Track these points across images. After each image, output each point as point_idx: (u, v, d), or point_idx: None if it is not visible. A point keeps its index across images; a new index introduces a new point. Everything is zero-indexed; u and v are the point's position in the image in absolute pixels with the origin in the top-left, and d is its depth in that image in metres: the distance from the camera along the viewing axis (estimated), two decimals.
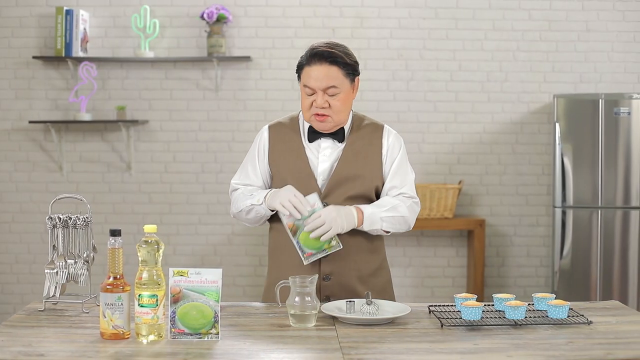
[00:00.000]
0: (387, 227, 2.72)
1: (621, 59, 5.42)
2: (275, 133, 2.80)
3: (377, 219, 2.68)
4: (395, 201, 2.73)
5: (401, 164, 2.79)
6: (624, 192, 4.95)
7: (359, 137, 2.76)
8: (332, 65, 2.62)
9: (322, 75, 2.62)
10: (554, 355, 2.04)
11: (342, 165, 2.72)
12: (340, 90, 2.65)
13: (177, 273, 2.20)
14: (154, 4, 5.37)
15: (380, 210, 2.69)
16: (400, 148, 2.80)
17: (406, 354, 2.07)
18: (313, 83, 2.63)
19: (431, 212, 5.22)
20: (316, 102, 2.64)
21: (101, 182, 5.47)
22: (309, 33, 5.39)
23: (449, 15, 5.41)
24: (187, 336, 2.19)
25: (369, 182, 2.74)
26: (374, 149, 2.76)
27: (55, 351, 2.07)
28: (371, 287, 2.75)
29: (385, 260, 2.90)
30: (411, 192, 2.79)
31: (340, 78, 2.64)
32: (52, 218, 2.55)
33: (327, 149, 2.74)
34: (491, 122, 5.46)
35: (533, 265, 5.51)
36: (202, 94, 5.44)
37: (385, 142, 2.78)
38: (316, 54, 2.63)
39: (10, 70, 5.42)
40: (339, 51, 2.65)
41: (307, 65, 2.64)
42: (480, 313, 2.38)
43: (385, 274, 2.87)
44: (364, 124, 2.80)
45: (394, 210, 2.71)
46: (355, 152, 2.74)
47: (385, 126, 2.82)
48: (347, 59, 2.66)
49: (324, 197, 2.70)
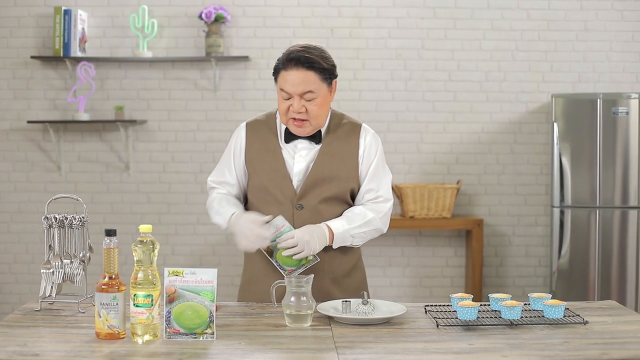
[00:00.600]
0: (357, 243, 2.73)
1: (620, 59, 5.42)
2: (253, 131, 2.79)
3: (347, 236, 2.68)
4: (369, 214, 2.71)
5: (378, 166, 2.77)
6: (622, 192, 4.95)
7: (336, 138, 2.75)
8: (309, 70, 2.59)
9: (298, 81, 2.59)
10: (549, 355, 2.04)
11: (317, 166, 2.71)
12: (317, 95, 2.62)
13: (173, 273, 2.20)
14: (152, 4, 5.37)
15: (352, 227, 2.68)
16: (378, 148, 2.78)
17: (401, 353, 2.07)
18: (289, 88, 2.60)
19: (429, 212, 5.21)
20: (293, 107, 2.62)
21: (99, 182, 5.47)
22: (307, 33, 5.39)
23: (448, 15, 5.41)
24: (183, 336, 2.19)
25: (345, 183, 2.73)
26: (350, 150, 2.74)
27: (50, 351, 2.07)
28: (345, 288, 2.75)
29: (361, 259, 2.89)
30: (387, 194, 2.78)
31: (317, 83, 2.61)
32: (48, 218, 2.55)
33: (304, 150, 2.73)
34: (490, 122, 5.46)
35: (531, 265, 5.51)
36: (200, 93, 5.44)
37: (362, 142, 2.75)
38: (292, 59, 2.60)
39: (8, 70, 5.42)
40: (316, 55, 2.61)
41: (284, 69, 2.61)
42: (476, 313, 2.38)
43: (359, 274, 2.86)
44: (342, 123, 2.78)
45: (367, 225, 2.71)
46: (331, 153, 2.72)
47: (362, 126, 2.79)
48: (324, 63, 2.62)
49: (300, 199, 2.69)
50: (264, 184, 2.71)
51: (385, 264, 5.50)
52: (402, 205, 5.30)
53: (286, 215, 2.68)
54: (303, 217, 2.69)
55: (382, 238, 5.45)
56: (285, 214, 2.68)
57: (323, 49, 2.69)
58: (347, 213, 2.71)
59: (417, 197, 5.19)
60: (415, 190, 5.19)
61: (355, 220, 2.68)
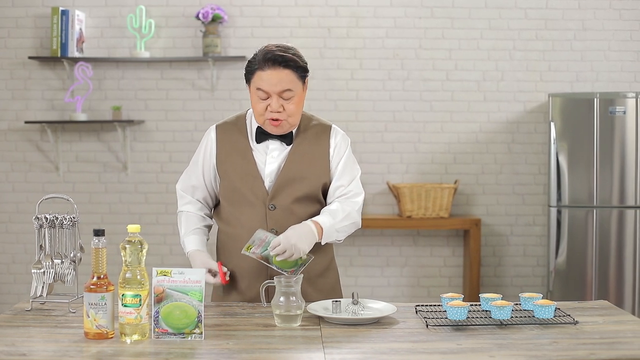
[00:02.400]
0: (341, 237, 2.75)
1: (618, 58, 5.41)
2: (223, 134, 2.80)
3: (333, 231, 2.69)
4: (347, 208, 2.74)
5: (347, 163, 2.79)
6: (620, 192, 4.94)
7: (306, 138, 2.76)
8: (286, 69, 2.61)
9: (276, 80, 2.60)
10: (537, 355, 2.04)
11: (288, 166, 2.72)
12: (295, 93, 2.65)
13: (161, 273, 2.20)
14: (150, 4, 5.37)
15: (336, 221, 2.70)
16: (347, 147, 2.81)
17: (388, 353, 2.07)
18: (267, 87, 2.61)
19: (427, 211, 5.21)
20: (271, 107, 2.63)
21: (97, 182, 5.47)
22: (304, 33, 5.39)
23: (445, 15, 5.41)
24: (171, 336, 2.19)
25: (316, 182, 2.75)
26: (321, 150, 2.76)
27: (37, 351, 2.07)
28: (320, 288, 2.77)
29: (334, 260, 2.90)
30: (357, 189, 2.80)
31: (294, 81, 2.64)
32: (39, 218, 2.55)
33: (275, 151, 2.74)
34: (487, 122, 5.45)
35: (530, 265, 5.50)
36: (197, 93, 5.44)
37: (333, 142, 2.78)
38: (270, 59, 2.61)
39: (6, 71, 5.43)
40: (292, 54, 2.64)
41: (260, 69, 2.62)
42: (466, 313, 2.37)
43: (333, 275, 2.87)
44: (312, 124, 2.80)
45: (347, 218, 2.73)
46: (302, 154, 2.74)
47: (332, 126, 2.81)
48: (300, 62, 2.66)
49: (272, 199, 2.70)
50: (235, 185, 2.73)
51: (382, 264, 5.50)
52: (399, 205, 5.29)
53: (259, 216, 2.70)
54: (276, 217, 2.69)
55: (380, 238, 5.46)
56: (257, 214, 2.70)
57: (296, 48, 2.72)
58: (326, 210, 2.73)
59: (414, 196, 5.19)
60: (413, 190, 5.19)
61: (337, 214, 2.71)
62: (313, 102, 5.41)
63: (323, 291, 2.77)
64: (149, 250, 5.65)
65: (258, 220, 2.70)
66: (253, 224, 2.70)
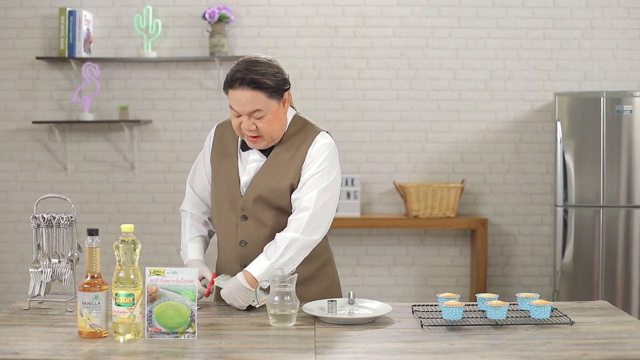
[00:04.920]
0: (290, 269, 2.59)
1: (626, 57, 5.37)
2: (220, 134, 2.78)
3: (272, 270, 2.53)
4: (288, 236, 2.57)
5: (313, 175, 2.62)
6: (627, 191, 4.91)
7: (285, 149, 2.67)
8: (255, 90, 2.52)
9: (244, 100, 2.52)
10: (528, 355, 2.03)
11: (259, 179, 2.66)
12: (266, 112, 2.55)
13: (154, 272, 2.20)
14: (157, 4, 5.39)
15: (272, 261, 2.54)
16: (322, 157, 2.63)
17: (379, 353, 2.06)
18: (236, 107, 2.55)
19: (433, 211, 5.20)
20: (243, 125, 2.57)
21: (105, 182, 5.50)
22: (311, 32, 5.39)
23: (452, 14, 5.39)
24: (164, 335, 2.19)
25: (285, 194, 2.65)
26: (296, 161, 2.65)
27: (30, 349, 2.08)
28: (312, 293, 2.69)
29: (330, 263, 2.82)
30: (307, 203, 2.59)
31: (264, 101, 2.53)
32: (37, 217, 2.56)
33: (254, 162, 2.68)
34: (495, 121, 5.43)
35: (537, 264, 5.47)
36: (204, 93, 5.46)
37: (310, 151, 2.65)
38: (237, 79, 2.52)
39: (14, 71, 5.46)
40: (261, 74, 2.52)
41: (230, 87, 2.55)
42: (461, 313, 2.36)
43: (328, 278, 2.79)
44: (298, 132, 2.69)
45: (288, 250, 2.56)
46: (276, 165, 2.66)
47: (317, 136, 2.67)
48: (269, 82, 2.53)
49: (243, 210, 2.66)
50: (216, 190, 2.72)
51: (390, 264, 5.49)
52: (406, 205, 5.28)
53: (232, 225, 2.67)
54: (248, 228, 2.66)
55: (387, 237, 5.46)
56: (231, 223, 2.67)
57: (271, 62, 2.58)
58: (267, 247, 2.60)
59: (420, 196, 5.18)
60: (419, 190, 5.18)
61: (272, 253, 2.56)
62: (320, 101, 5.41)
63: (313, 298, 2.66)
64: (156, 250, 5.70)
65: (231, 229, 2.68)
66: (228, 233, 2.69)
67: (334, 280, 2.85)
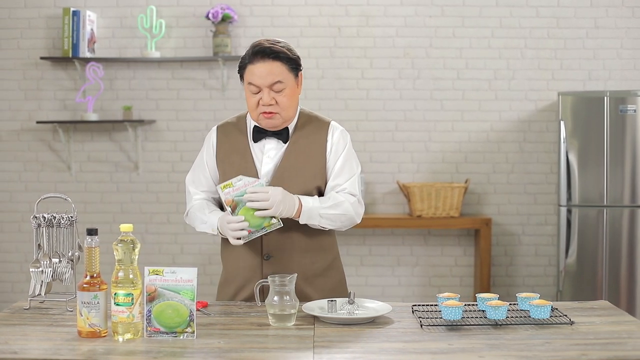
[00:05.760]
0: (325, 224, 2.68)
1: (630, 56, 5.36)
2: (223, 134, 2.80)
3: (315, 214, 2.64)
4: (339, 197, 2.70)
5: (345, 163, 2.75)
6: (631, 191, 4.89)
7: (303, 136, 2.74)
8: (276, 61, 2.61)
9: (266, 72, 2.61)
10: (527, 355, 2.02)
11: (284, 165, 2.70)
12: (286, 85, 2.64)
13: (153, 272, 2.21)
14: (160, 5, 5.40)
15: (322, 206, 2.65)
16: (346, 145, 2.76)
17: (377, 353, 2.06)
18: (257, 80, 2.61)
19: (437, 210, 5.19)
20: (262, 100, 2.62)
21: (109, 182, 5.51)
22: (314, 32, 5.39)
23: (456, 13, 5.38)
24: (163, 335, 2.20)
25: (312, 181, 2.72)
26: (317, 147, 2.73)
27: (29, 349, 2.08)
28: (320, 288, 2.73)
29: (337, 259, 2.86)
30: (352, 190, 2.74)
31: (284, 73, 2.63)
32: (37, 217, 2.57)
33: (272, 150, 2.72)
34: (498, 121, 5.42)
35: (541, 264, 5.46)
36: (208, 93, 5.46)
37: (330, 139, 2.75)
38: (259, 51, 2.62)
39: (19, 71, 5.48)
40: (281, 46, 2.65)
41: (250, 63, 2.63)
42: (461, 313, 2.36)
43: (335, 275, 2.83)
44: (310, 121, 2.78)
45: (337, 207, 2.68)
46: (298, 152, 2.72)
47: (331, 123, 2.78)
48: (290, 54, 2.66)
49: None
50: None
51: (393, 263, 5.49)
52: (409, 205, 5.28)
53: None
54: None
55: (390, 237, 5.45)
56: None
57: (287, 42, 2.71)
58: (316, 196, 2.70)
59: (424, 196, 5.17)
60: (422, 190, 5.17)
61: (325, 200, 2.67)
62: (324, 101, 5.41)
63: (324, 291, 2.74)
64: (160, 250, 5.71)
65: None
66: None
67: (343, 274, 2.90)
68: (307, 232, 2.73)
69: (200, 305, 2.54)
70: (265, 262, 2.71)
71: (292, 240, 2.72)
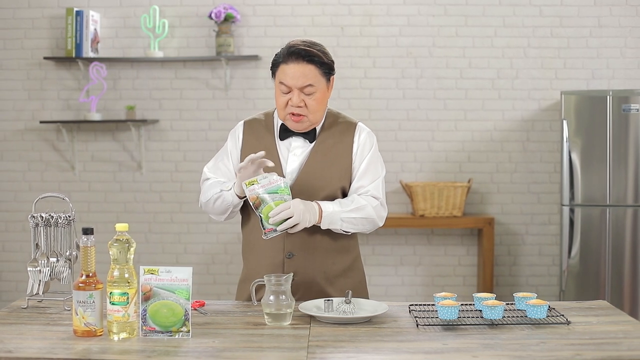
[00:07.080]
0: (347, 228, 2.68)
1: (634, 55, 5.34)
2: (250, 129, 2.80)
3: (336, 219, 2.63)
4: (361, 201, 2.69)
5: (370, 164, 2.74)
6: (634, 190, 4.87)
7: (330, 136, 2.74)
8: (309, 64, 2.61)
9: (298, 74, 2.60)
10: (521, 355, 2.02)
11: (310, 164, 2.70)
12: (317, 89, 2.63)
13: (148, 271, 2.21)
14: (163, 4, 5.41)
15: (343, 210, 2.64)
16: (372, 147, 2.76)
17: (371, 353, 2.06)
18: (289, 81, 2.61)
19: (440, 210, 5.18)
20: (292, 101, 2.62)
21: (112, 182, 5.52)
22: (317, 32, 5.39)
23: (459, 12, 5.37)
24: (158, 334, 2.20)
25: (337, 181, 2.72)
26: (344, 148, 2.73)
27: (24, 348, 2.09)
28: (340, 288, 2.73)
29: (359, 260, 2.86)
30: (376, 193, 2.73)
31: (317, 77, 2.62)
32: (35, 217, 2.58)
33: (298, 149, 2.72)
34: (502, 120, 5.41)
35: (545, 264, 5.45)
36: (211, 93, 5.47)
37: (357, 140, 2.75)
38: (294, 52, 2.61)
39: (22, 71, 5.50)
40: (317, 50, 2.64)
41: (284, 62, 2.63)
42: (457, 313, 2.35)
43: (356, 275, 2.83)
44: (337, 121, 2.78)
45: (358, 211, 2.67)
46: (324, 152, 2.72)
47: (358, 124, 2.79)
48: (324, 58, 2.64)
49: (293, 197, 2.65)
50: None
51: (397, 263, 5.48)
52: (412, 204, 5.27)
53: None
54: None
55: (393, 237, 5.45)
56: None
57: (323, 45, 2.70)
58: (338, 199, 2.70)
59: (427, 195, 5.17)
60: (425, 189, 5.17)
61: (346, 204, 2.66)
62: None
63: (344, 291, 2.69)
64: (164, 249, 5.71)
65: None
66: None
67: (364, 275, 2.90)
68: (330, 233, 2.72)
69: (198, 305, 2.55)
70: (287, 261, 2.71)
71: (315, 239, 2.71)
